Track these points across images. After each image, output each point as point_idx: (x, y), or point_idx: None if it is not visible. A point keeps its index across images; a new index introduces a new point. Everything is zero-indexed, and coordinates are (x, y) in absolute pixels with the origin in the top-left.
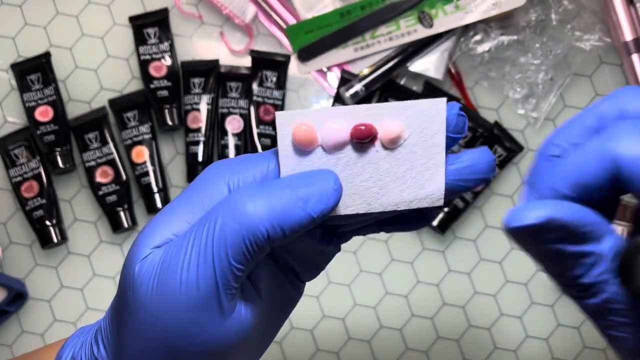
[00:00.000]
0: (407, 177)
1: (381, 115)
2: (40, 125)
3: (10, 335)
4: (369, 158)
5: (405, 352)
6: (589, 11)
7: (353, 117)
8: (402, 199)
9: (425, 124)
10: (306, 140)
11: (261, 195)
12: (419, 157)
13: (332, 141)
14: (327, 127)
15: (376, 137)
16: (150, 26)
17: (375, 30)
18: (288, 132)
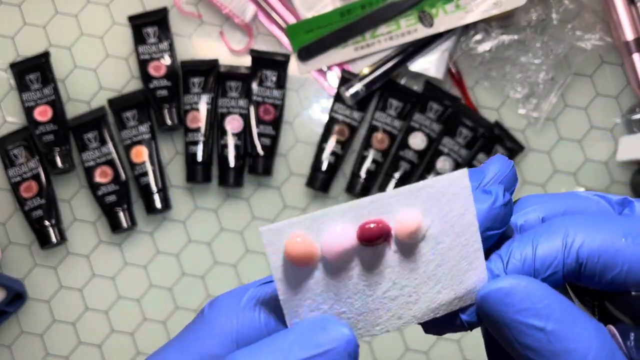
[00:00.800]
0: (440, 275)
1: (391, 206)
2: (39, 125)
3: (9, 336)
4: (387, 262)
5: (405, 353)
6: (590, 11)
7: (357, 215)
8: (439, 303)
9: (448, 206)
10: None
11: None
12: (450, 248)
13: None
14: (328, 233)
15: (390, 235)
16: (149, 26)
17: (376, 29)
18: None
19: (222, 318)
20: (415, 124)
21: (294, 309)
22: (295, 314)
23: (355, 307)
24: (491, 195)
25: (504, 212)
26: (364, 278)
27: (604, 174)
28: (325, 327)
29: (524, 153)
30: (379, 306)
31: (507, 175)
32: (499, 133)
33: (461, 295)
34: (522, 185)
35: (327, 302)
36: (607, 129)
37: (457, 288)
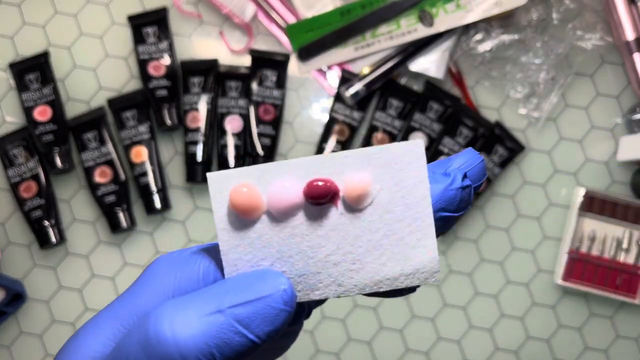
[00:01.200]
0: (386, 246)
1: (342, 167)
2: (39, 125)
3: (8, 336)
4: (332, 223)
5: (405, 353)
6: (591, 10)
7: (307, 172)
8: (383, 276)
9: (401, 175)
10: (247, 206)
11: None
12: (399, 219)
13: (282, 204)
14: (274, 187)
15: (337, 195)
16: (149, 25)
17: (376, 29)
18: (224, 197)
19: (161, 273)
20: (416, 124)
21: (233, 262)
22: (234, 268)
23: (296, 268)
24: (449, 177)
25: (460, 196)
26: (307, 238)
27: (605, 174)
28: (262, 276)
29: (525, 153)
30: (321, 269)
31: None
32: (499, 133)
33: (408, 272)
34: (523, 185)
35: (268, 258)
36: (607, 128)
37: (403, 264)
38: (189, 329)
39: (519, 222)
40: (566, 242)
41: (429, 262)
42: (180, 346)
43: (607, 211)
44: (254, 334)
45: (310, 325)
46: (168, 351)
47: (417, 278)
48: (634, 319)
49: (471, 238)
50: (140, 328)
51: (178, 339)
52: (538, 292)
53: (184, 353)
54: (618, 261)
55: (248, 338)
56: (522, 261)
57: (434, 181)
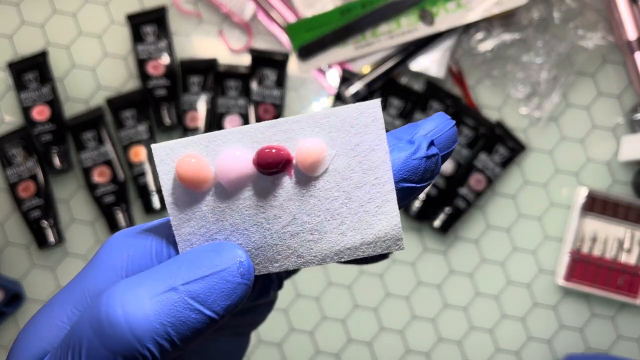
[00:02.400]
0: (345, 214)
1: (294, 133)
2: (37, 125)
3: (7, 337)
4: (287, 193)
5: (406, 354)
6: (592, 9)
7: (256, 139)
8: (343, 245)
9: (357, 138)
10: (195, 178)
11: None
12: (356, 186)
13: (232, 175)
14: (223, 156)
15: (290, 163)
16: (148, 24)
17: (376, 28)
18: (170, 169)
19: (113, 252)
20: None
21: (186, 237)
22: (188, 244)
23: (252, 240)
24: (413, 145)
25: (425, 165)
26: (262, 209)
27: (606, 174)
28: (217, 250)
29: (526, 153)
30: (278, 241)
31: (444, 133)
32: (500, 132)
33: (369, 241)
34: (524, 185)
35: (222, 232)
36: (609, 128)
37: (364, 232)
38: (141, 309)
39: (520, 222)
40: (567, 243)
41: (391, 230)
42: (133, 327)
43: (609, 211)
44: (210, 310)
45: (310, 326)
46: (121, 333)
47: (379, 246)
48: (635, 320)
49: (472, 238)
50: (92, 311)
51: (130, 320)
52: (539, 292)
53: (138, 334)
54: (619, 262)
55: (205, 314)
56: (523, 261)
57: (396, 149)
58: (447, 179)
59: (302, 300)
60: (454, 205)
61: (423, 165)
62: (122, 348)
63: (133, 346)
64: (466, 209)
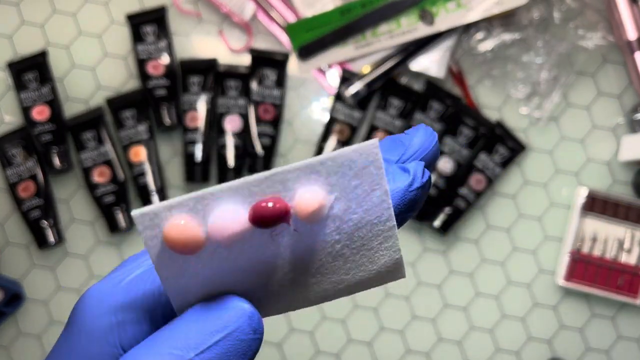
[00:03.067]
0: (348, 256)
1: (289, 182)
2: (37, 125)
3: (7, 337)
4: (286, 242)
5: (406, 354)
6: (592, 10)
7: (250, 193)
8: (347, 284)
9: (356, 180)
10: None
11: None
12: (358, 226)
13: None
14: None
15: (288, 214)
16: (148, 24)
17: (376, 28)
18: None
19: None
20: (416, 124)
21: (182, 295)
22: (185, 302)
23: (253, 289)
24: (408, 175)
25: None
26: (262, 260)
27: (606, 174)
28: (221, 307)
29: (526, 153)
30: (280, 289)
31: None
32: (500, 132)
33: (373, 275)
34: (524, 185)
35: (221, 285)
36: (609, 128)
37: (367, 269)
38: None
39: (520, 222)
40: (568, 243)
41: (393, 263)
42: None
43: (609, 211)
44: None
45: (310, 326)
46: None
47: (382, 279)
48: (635, 320)
49: (472, 238)
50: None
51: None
52: (539, 292)
53: None
54: (620, 262)
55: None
56: (523, 262)
57: (392, 179)
58: (447, 179)
59: None
60: (454, 206)
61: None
62: None
63: None
64: (466, 209)
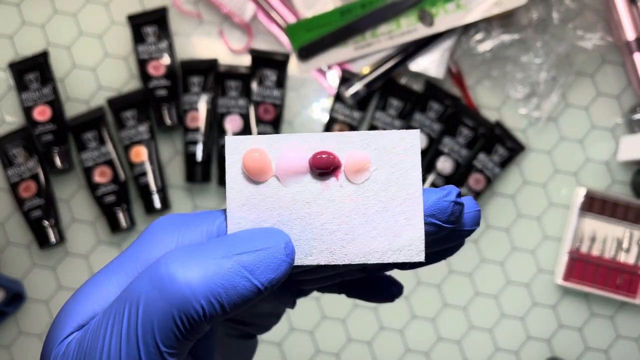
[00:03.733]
0: (378, 221)
1: (345, 145)
2: (38, 125)
3: (8, 336)
4: (332, 194)
5: (405, 354)
6: (591, 10)
7: (313, 145)
8: (372, 249)
9: (397, 159)
10: (258, 168)
11: (196, 262)
12: (392, 198)
13: (289, 171)
14: (284, 154)
15: (339, 169)
16: (148, 25)
17: (376, 29)
18: (238, 159)
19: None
20: (416, 124)
21: (237, 220)
22: (238, 226)
23: (293, 232)
24: (445, 190)
25: (452, 209)
26: (307, 205)
27: (605, 174)
28: (266, 232)
29: (525, 153)
30: (316, 236)
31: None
32: (499, 133)
33: (395, 248)
34: (523, 185)
35: (269, 220)
36: (608, 128)
37: (392, 239)
38: (198, 270)
39: (519, 222)
40: (566, 242)
41: (415, 241)
42: (191, 284)
43: (608, 211)
44: (258, 280)
45: (310, 326)
46: (179, 288)
47: (403, 254)
48: (634, 319)
49: (471, 238)
50: (152, 270)
51: (189, 277)
52: (538, 292)
53: (195, 290)
54: (618, 261)
55: (252, 283)
56: (522, 261)
57: (431, 191)
58: (446, 179)
59: (302, 300)
60: None
61: (451, 208)
62: (178, 301)
63: (189, 300)
64: None
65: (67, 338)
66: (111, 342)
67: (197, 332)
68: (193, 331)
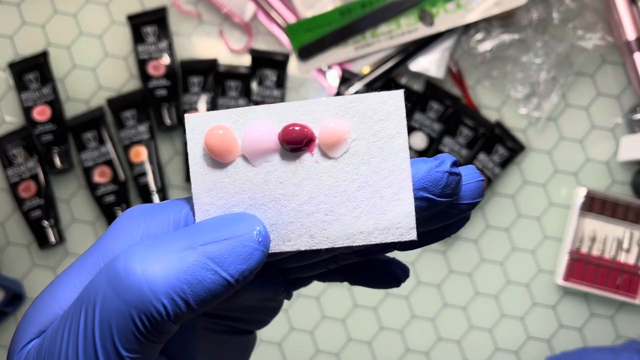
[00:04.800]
0: (361, 198)
1: (319, 114)
2: (38, 125)
3: (7, 337)
4: (307, 171)
5: (405, 354)
6: (591, 10)
7: (283, 117)
8: (356, 229)
9: (379, 125)
10: (222, 148)
11: (156, 256)
12: (375, 171)
13: (257, 148)
14: (250, 130)
15: (314, 142)
16: (148, 25)
17: (376, 28)
18: (200, 139)
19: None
20: (416, 124)
21: (205, 207)
22: (206, 213)
23: (268, 216)
24: (437, 160)
25: (446, 180)
26: (281, 185)
27: (605, 174)
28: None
29: (525, 153)
30: (293, 219)
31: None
32: (499, 133)
33: (382, 227)
34: (523, 185)
35: (240, 205)
36: (608, 128)
37: (378, 217)
38: (159, 264)
39: (519, 222)
40: (567, 242)
41: (404, 217)
42: (149, 280)
43: (608, 211)
44: (227, 272)
45: (310, 325)
46: (137, 285)
47: (391, 234)
48: (634, 319)
49: (471, 238)
50: (109, 266)
51: (147, 272)
52: (538, 292)
53: (154, 287)
54: (619, 261)
55: (221, 276)
56: (522, 261)
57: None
58: None
59: (302, 300)
60: None
61: (445, 179)
62: (136, 299)
63: (148, 298)
64: None
65: (27, 345)
66: (68, 348)
67: (162, 333)
68: (156, 332)
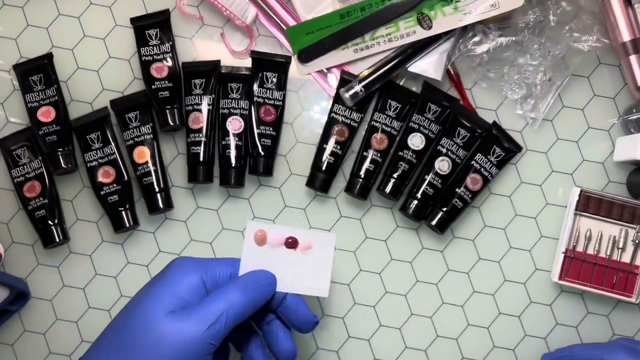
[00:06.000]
0: (307, 273)
1: (302, 235)
2: (43, 126)
3: (12, 335)
4: (291, 258)
5: (404, 351)
6: (587, 12)
7: (287, 233)
8: (300, 286)
9: (324, 245)
10: (261, 239)
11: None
12: (318, 264)
13: (274, 243)
14: (272, 235)
15: (297, 245)
16: (151, 27)
17: (375, 31)
18: (251, 233)
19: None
20: (414, 125)
21: (246, 267)
22: (247, 268)
23: (275, 273)
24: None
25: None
26: (280, 261)
27: (601, 175)
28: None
29: (522, 153)
30: (284, 277)
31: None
32: (496, 133)
33: (314, 287)
34: (520, 185)
35: (262, 267)
36: (604, 129)
37: (314, 283)
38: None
39: (516, 221)
40: (563, 242)
41: (324, 285)
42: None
43: (604, 211)
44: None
45: None
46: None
47: (319, 291)
48: (630, 317)
49: (469, 237)
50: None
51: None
52: (535, 290)
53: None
54: (614, 260)
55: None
56: (519, 260)
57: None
58: (444, 179)
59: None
60: (451, 205)
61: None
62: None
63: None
64: (463, 208)
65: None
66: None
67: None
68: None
